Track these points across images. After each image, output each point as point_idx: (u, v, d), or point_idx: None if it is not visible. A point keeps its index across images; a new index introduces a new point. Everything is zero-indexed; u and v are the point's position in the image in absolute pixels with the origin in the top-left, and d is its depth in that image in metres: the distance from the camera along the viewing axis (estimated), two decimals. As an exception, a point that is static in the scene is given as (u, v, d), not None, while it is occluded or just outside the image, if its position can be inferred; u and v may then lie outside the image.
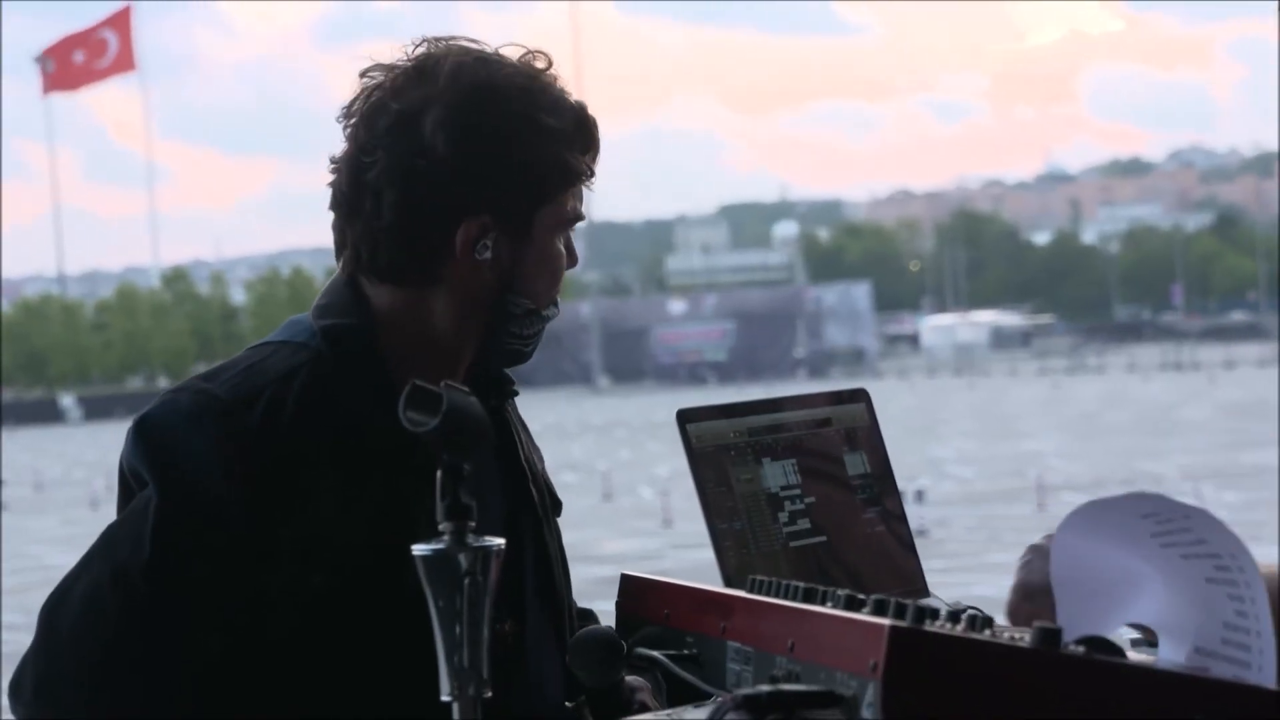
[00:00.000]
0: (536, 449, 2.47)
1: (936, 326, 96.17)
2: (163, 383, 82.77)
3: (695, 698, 1.93)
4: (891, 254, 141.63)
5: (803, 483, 2.29)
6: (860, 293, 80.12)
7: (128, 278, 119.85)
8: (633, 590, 2.17)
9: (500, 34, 2.28)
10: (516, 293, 2.25)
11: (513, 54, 2.26)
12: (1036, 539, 2.12)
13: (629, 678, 2.18)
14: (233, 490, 2.10)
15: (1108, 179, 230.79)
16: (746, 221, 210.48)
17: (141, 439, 2.15)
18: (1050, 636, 1.57)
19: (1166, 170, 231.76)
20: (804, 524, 2.26)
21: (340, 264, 2.28)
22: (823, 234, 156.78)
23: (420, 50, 2.25)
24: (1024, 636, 1.62)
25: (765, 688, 1.58)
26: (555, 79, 2.26)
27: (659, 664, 2.00)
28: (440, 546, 1.63)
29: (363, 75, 2.25)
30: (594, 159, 2.29)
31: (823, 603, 1.78)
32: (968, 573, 13.95)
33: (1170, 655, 1.75)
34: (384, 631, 2.13)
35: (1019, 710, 1.54)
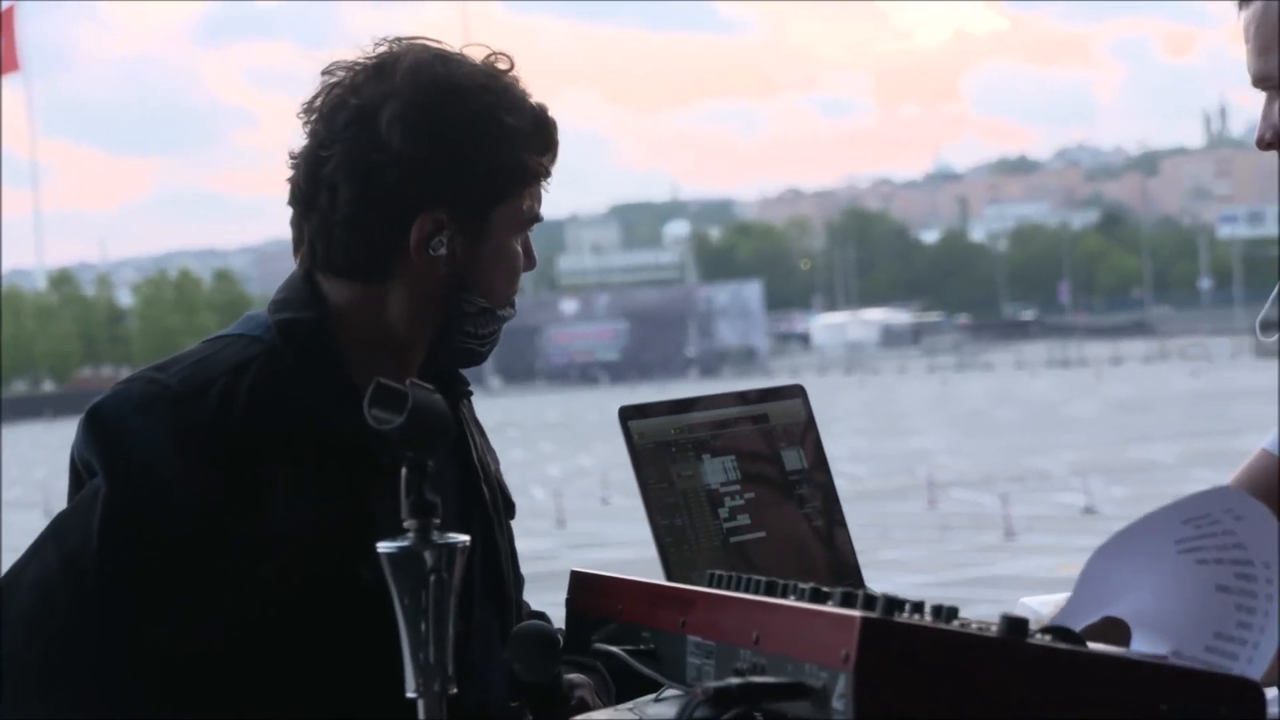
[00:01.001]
0: (491, 450, 2.46)
1: (827, 325, 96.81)
2: (48, 386, 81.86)
3: (650, 692, 1.94)
4: (782, 253, 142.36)
5: (742, 479, 2.30)
6: (751, 292, 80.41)
7: (12, 280, 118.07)
8: (584, 586, 2.17)
9: (387, 31, 2.28)
10: (471, 291, 2.25)
11: (476, 55, 2.27)
12: None
13: (570, 675, 2.18)
14: (182, 481, 2.09)
15: (995, 177, 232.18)
16: (638, 221, 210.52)
17: (92, 428, 2.14)
18: (1017, 626, 1.59)
19: (1053, 169, 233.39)
20: (744, 519, 2.27)
21: (297, 260, 2.28)
22: (714, 233, 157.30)
23: (382, 49, 2.26)
24: (991, 626, 1.64)
25: (735, 680, 1.59)
26: (516, 80, 2.27)
27: (617, 659, 1.99)
28: (405, 544, 1.63)
29: (324, 73, 2.25)
30: (552, 161, 2.30)
31: (785, 595, 1.79)
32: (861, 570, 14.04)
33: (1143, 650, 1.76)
34: (337, 627, 2.12)
35: (987, 699, 1.56)
